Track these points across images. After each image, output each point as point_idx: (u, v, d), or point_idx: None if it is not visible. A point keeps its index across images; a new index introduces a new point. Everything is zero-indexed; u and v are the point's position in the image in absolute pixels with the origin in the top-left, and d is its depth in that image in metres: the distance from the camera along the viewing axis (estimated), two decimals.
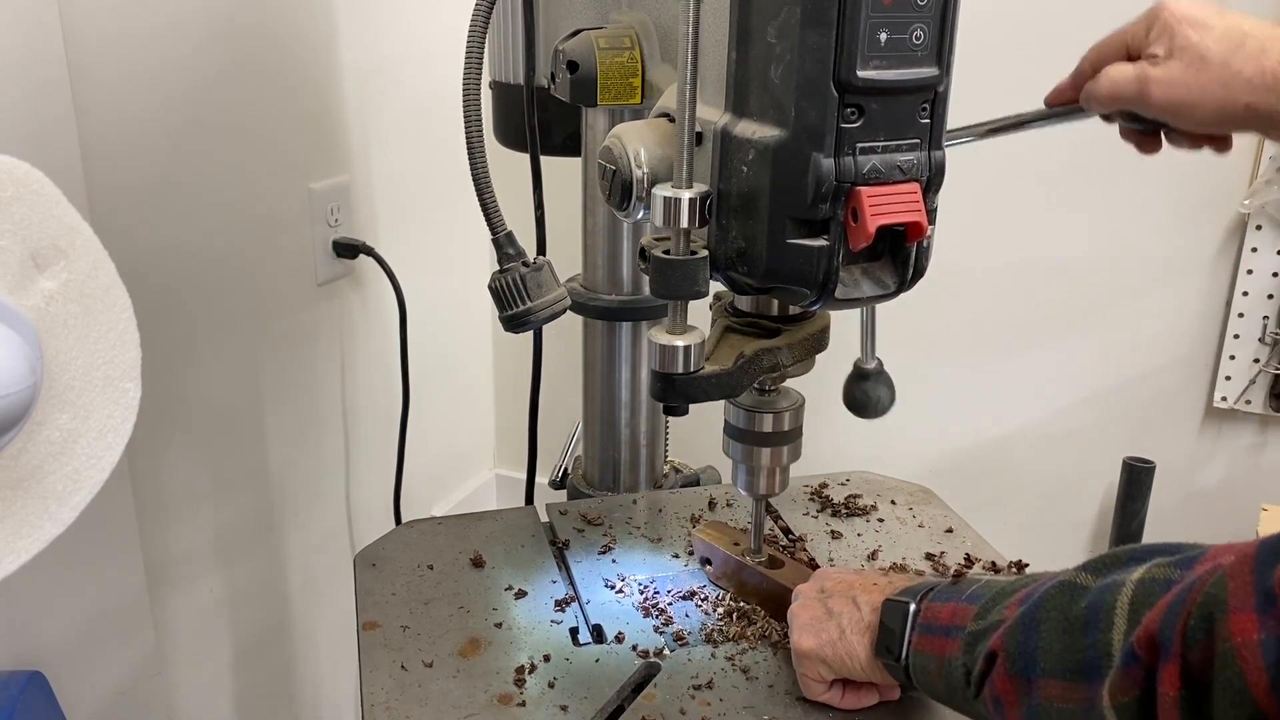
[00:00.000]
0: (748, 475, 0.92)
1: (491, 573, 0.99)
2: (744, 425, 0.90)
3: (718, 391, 0.79)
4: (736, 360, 0.80)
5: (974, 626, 0.69)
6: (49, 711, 1.10)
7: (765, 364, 0.82)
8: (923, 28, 0.67)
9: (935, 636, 0.72)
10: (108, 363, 0.66)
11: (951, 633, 0.70)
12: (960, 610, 0.71)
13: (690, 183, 0.72)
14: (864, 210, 0.67)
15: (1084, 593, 0.62)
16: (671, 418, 0.83)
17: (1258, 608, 0.50)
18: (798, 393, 0.91)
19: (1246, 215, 1.54)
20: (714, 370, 0.78)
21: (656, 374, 0.76)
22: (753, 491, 0.93)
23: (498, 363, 2.14)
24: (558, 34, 0.97)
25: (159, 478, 1.28)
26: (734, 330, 0.84)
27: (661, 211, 0.71)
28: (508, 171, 1.04)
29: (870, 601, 0.79)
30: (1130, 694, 0.55)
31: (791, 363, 0.83)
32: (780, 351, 0.82)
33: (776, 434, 0.89)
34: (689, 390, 0.77)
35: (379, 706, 0.81)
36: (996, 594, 0.69)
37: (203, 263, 1.30)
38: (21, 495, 0.61)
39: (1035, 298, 1.67)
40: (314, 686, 1.65)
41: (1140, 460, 1.64)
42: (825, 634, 0.79)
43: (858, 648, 0.78)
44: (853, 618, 0.79)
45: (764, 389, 0.89)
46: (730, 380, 0.79)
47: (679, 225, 0.71)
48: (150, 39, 1.17)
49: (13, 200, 0.61)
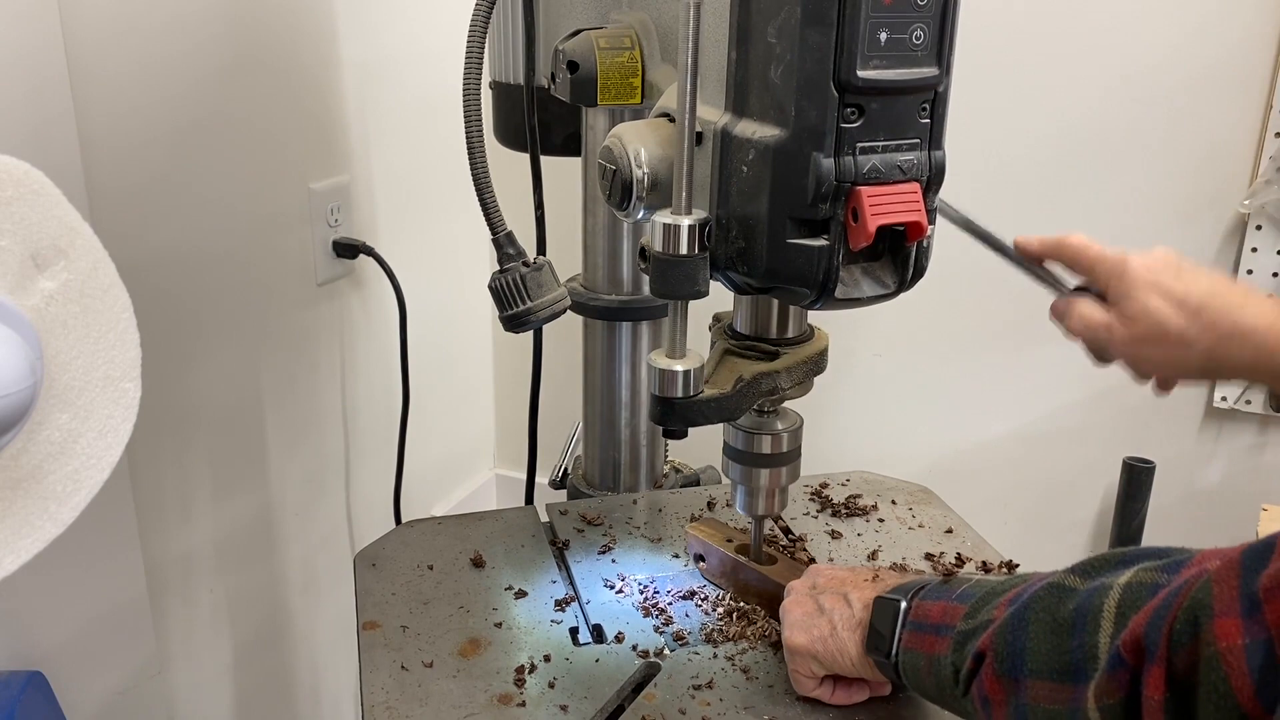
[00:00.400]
0: (746, 496, 0.92)
1: (491, 573, 0.99)
2: (743, 446, 0.90)
3: (716, 415, 0.80)
4: (735, 384, 0.81)
5: (963, 626, 0.69)
6: (49, 711, 1.10)
7: (764, 387, 0.82)
8: (923, 28, 0.67)
9: (925, 635, 0.72)
10: (108, 363, 0.66)
11: (941, 631, 0.71)
12: (950, 609, 0.71)
13: (690, 208, 0.72)
14: (864, 210, 0.67)
15: (1072, 595, 0.62)
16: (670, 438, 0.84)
17: (1242, 613, 0.50)
18: (796, 414, 0.91)
19: (1246, 215, 1.54)
20: (713, 394, 0.79)
21: (656, 398, 0.77)
22: (751, 512, 0.93)
23: (498, 363, 2.14)
24: (558, 34, 0.97)
25: (159, 478, 1.28)
26: (733, 353, 0.84)
27: (661, 238, 0.72)
28: (508, 171, 1.04)
29: (862, 598, 0.79)
30: (1115, 696, 0.56)
31: (790, 386, 0.84)
32: (779, 375, 0.83)
33: (775, 455, 0.89)
34: (688, 415, 0.78)
35: (379, 706, 0.81)
36: (986, 594, 0.70)
37: (203, 263, 1.30)
38: (21, 495, 0.61)
39: (1035, 298, 1.66)
40: (314, 686, 1.65)
41: (1140, 460, 1.64)
42: (816, 630, 0.80)
43: (849, 644, 0.78)
44: (844, 614, 0.79)
45: (762, 410, 0.89)
46: (729, 404, 0.80)
47: (678, 253, 0.72)
48: (150, 38, 1.17)
49: (13, 200, 0.61)
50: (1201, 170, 1.56)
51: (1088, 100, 1.58)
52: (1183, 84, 1.54)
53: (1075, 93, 1.58)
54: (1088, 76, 1.57)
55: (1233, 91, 1.52)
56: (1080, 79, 1.57)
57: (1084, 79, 1.57)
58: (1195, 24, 1.51)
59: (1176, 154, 1.57)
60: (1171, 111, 1.55)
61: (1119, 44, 1.55)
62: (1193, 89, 1.53)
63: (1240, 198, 1.54)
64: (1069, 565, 0.65)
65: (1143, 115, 1.56)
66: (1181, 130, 1.55)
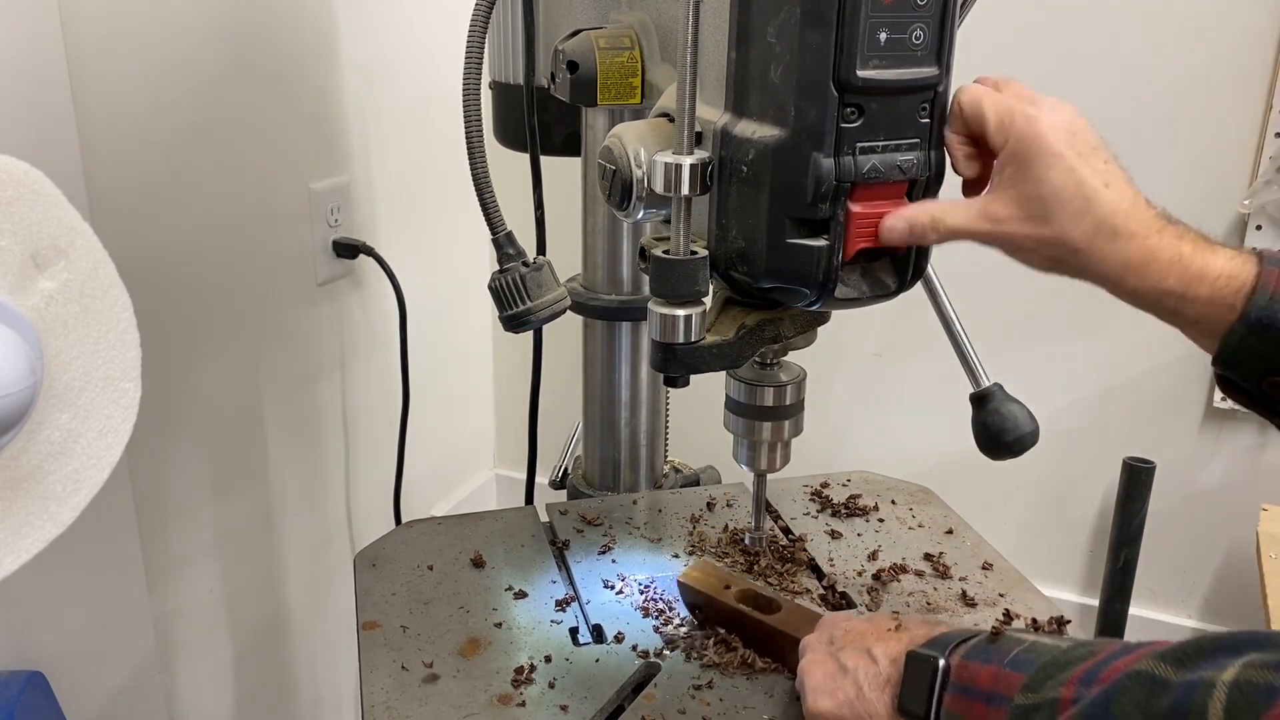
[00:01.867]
0: (749, 450, 0.92)
1: (491, 573, 0.99)
2: (745, 399, 0.90)
3: (719, 362, 0.78)
4: (738, 331, 0.79)
5: (1023, 700, 0.63)
6: (49, 711, 1.10)
7: (767, 334, 0.80)
8: (922, 27, 0.67)
9: (974, 701, 0.67)
10: (108, 363, 0.66)
11: (994, 700, 0.65)
12: (1003, 677, 0.65)
13: (692, 149, 0.71)
14: (849, 230, 0.68)
15: (1165, 689, 0.55)
16: (670, 416, 0.82)
17: None
18: (799, 367, 0.91)
19: (1246, 215, 1.54)
20: (715, 340, 0.77)
21: (657, 344, 0.75)
22: (754, 466, 0.93)
23: (498, 363, 2.14)
24: (558, 34, 0.97)
25: (159, 478, 1.28)
26: (735, 301, 0.83)
27: (662, 178, 0.71)
28: (508, 171, 1.04)
29: (887, 652, 0.74)
30: None
31: (794, 333, 0.82)
32: (782, 322, 0.81)
33: (778, 408, 0.89)
34: (690, 360, 0.76)
35: (379, 706, 0.81)
36: (1047, 664, 0.63)
37: (203, 263, 1.30)
38: (21, 495, 0.61)
39: (1035, 298, 1.67)
40: (314, 686, 1.65)
41: (1140, 460, 1.64)
42: (842, 693, 0.74)
43: (878, 705, 0.72)
44: (869, 672, 0.74)
45: (765, 363, 0.89)
46: (732, 350, 0.78)
47: (680, 193, 0.71)
48: (150, 39, 1.18)
49: (13, 200, 0.61)
50: (1201, 170, 1.56)
51: (1088, 100, 1.57)
52: (1183, 84, 1.54)
53: (1075, 93, 1.57)
54: (1088, 76, 1.57)
55: (1233, 91, 1.52)
56: (1080, 79, 1.57)
57: (1084, 79, 1.57)
58: (1195, 24, 1.51)
59: (1176, 154, 1.57)
60: (1171, 111, 1.55)
61: (1119, 44, 1.55)
62: (1193, 89, 1.54)
63: (1240, 198, 1.54)
64: (1152, 644, 0.58)
65: (1143, 115, 1.56)
66: (1181, 130, 1.55)
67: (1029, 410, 0.89)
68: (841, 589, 0.97)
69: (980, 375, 0.89)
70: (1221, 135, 1.54)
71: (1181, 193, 1.58)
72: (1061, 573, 1.82)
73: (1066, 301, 1.67)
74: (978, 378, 0.89)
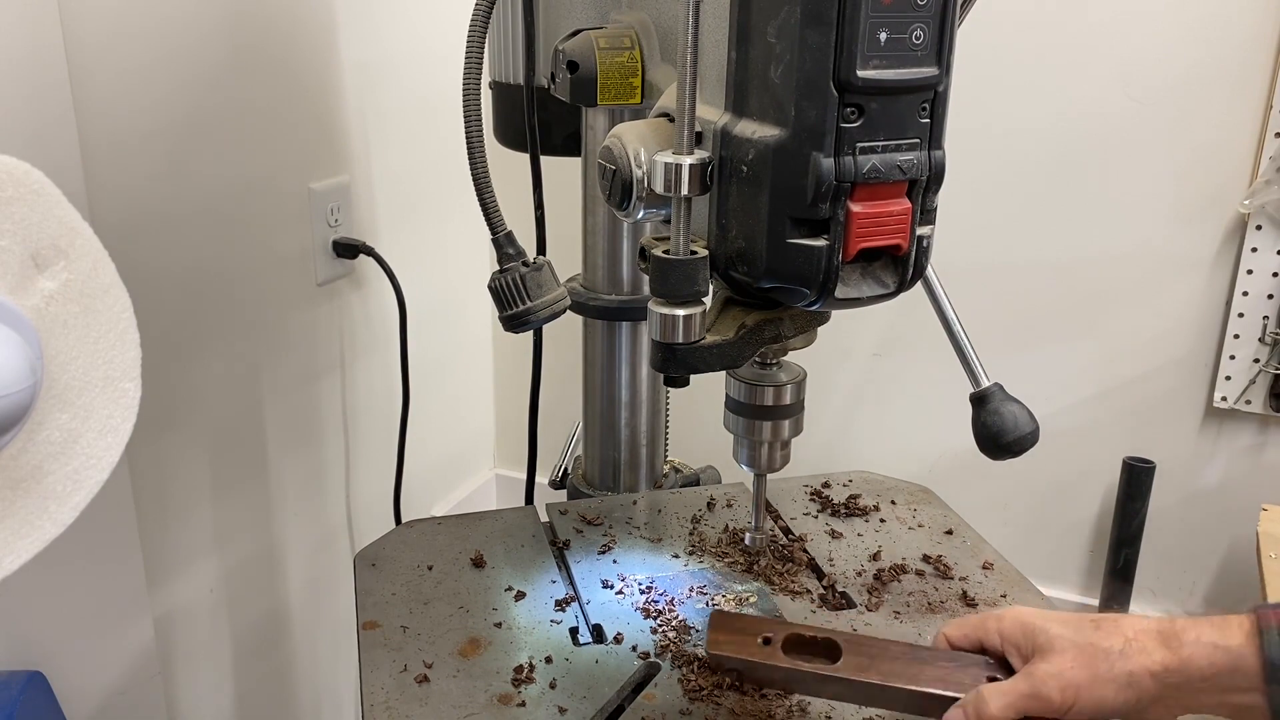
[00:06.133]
0: (749, 450, 0.92)
1: (491, 573, 0.99)
2: (745, 399, 0.90)
3: (719, 362, 0.78)
4: (738, 331, 0.79)
5: None
6: (49, 711, 1.10)
7: (767, 334, 0.80)
8: (923, 27, 0.67)
9: None
10: (108, 363, 0.66)
11: None
12: None
13: (692, 149, 0.71)
14: (850, 231, 0.68)
15: None
16: (670, 416, 0.82)
17: None
18: (799, 366, 0.91)
19: (1246, 215, 1.54)
20: (715, 340, 0.77)
21: (657, 344, 0.75)
22: (754, 466, 0.93)
23: (498, 363, 2.14)
24: (558, 34, 0.97)
25: (159, 478, 1.28)
26: (735, 301, 0.83)
27: (662, 178, 0.71)
28: (508, 171, 1.04)
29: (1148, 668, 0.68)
30: None
31: (794, 333, 0.82)
32: (782, 322, 0.81)
33: (778, 408, 0.90)
34: (690, 360, 0.75)
35: (379, 706, 0.81)
36: None
37: (203, 262, 1.30)
38: (21, 495, 0.61)
39: (1035, 298, 1.67)
40: (314, 686, 1.65)
41: (1140, 460, 1.64)
42: None
43: None
44: None
45: (765, 362, 0.89)
46: (732, 350, 0.78)
47: (680, 193, 0.71)
48: (150, 39, 1.17)
49: (13, 200, 0.61)
50: (1201, 170, 1.56)
51: (1087, 100, 1.58)
52: (1183, 84, 1.54)
53: (1075, 92, 1.58)
54: (1087, 76, 1.57)
55: (1233, 91, 1.52)
56: (1080, 79, 1.57)
57: (1084, 79, 1.57)
58: (1195, 24, 1.51)
59: (1176, 154, 1.57)
60: (1171, 111, 1.55)
61: (1119, 44, 1.55)
62: (1193, 89, 1.54)
63: (1240, 198, 1.54)
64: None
65: (1143, 115, 1.56)
66: (1181, 130, 1.55)
67: (1029, 410, 0.89)
68: (841, 589, 0.98)
69: (980, 375, 0.89)
70: (1221, 135, 1.54)
71: (1182, 193, 1.59)
72: (1061, 572, 1.82)
73: (1066, 302, 1.67)
74: (977, 378, 0.89)
